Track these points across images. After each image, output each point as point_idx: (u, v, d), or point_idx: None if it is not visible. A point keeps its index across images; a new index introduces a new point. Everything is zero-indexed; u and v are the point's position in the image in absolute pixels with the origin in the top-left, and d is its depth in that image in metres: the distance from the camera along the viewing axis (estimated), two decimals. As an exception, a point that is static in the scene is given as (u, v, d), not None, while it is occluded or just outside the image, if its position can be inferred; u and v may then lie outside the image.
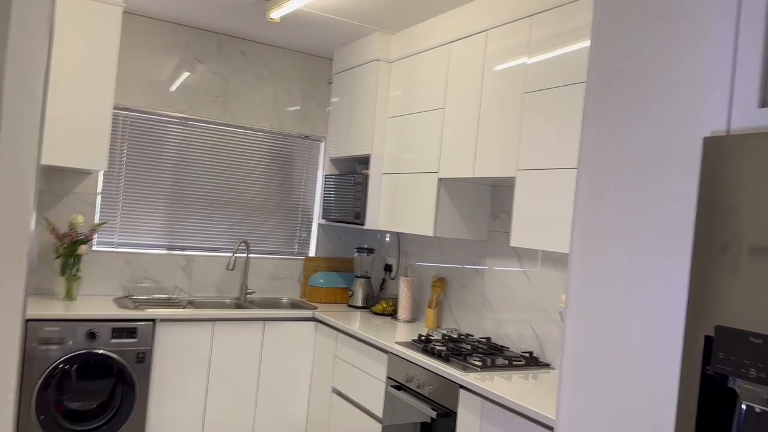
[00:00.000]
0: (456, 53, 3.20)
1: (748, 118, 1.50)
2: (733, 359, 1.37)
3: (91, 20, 3.25)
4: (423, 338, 3.08)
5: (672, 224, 1.63)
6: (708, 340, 1.44)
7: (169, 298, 3.77)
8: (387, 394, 3.00)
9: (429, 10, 3.28)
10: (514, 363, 2.78)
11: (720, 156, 1.46)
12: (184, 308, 3.51)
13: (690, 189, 1.60)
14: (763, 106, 1.49)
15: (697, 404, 1.45)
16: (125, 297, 3.69)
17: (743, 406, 1.37)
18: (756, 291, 1.35)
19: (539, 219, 2.58)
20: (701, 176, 1.50)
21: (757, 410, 1.34)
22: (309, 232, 4.43)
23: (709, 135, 1.56)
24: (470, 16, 3.11)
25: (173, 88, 3.92)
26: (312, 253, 4.44)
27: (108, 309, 3.27)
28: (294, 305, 4.16)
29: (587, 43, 2.44)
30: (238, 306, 3.99)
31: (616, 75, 1.85)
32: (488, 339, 3.19)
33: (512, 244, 2.70)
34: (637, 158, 1.75)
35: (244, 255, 4.13)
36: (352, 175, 3.83)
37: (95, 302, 3.45)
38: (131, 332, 3.20)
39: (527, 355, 2.94)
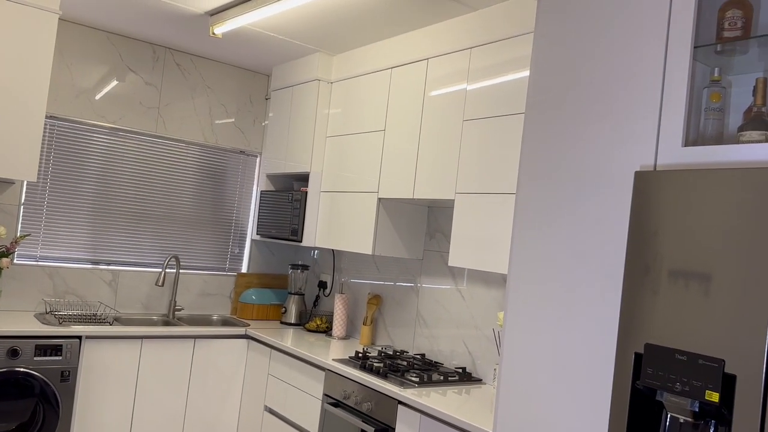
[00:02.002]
0: (397, 78, 3.30)
1: (672, 155, 1.66)
2: (660, 374, 1.51)
3: (25, 27, 3.13)
4: (360, 355, 3.13)
5: (604, 248, 1.78)
6: (638, 356, 1.58)
7: (95, 315, 3.64)
8: (323, 412, 3.02)
9: (370, 35, 3.38)
10: (449, 379, 2.88)
11: (647, 188, 1.61)
12: (110, 325, 3.40)
13: (621, 216, 1.75)
14: (686, 145, 1.66)
15: (628, 416, 1.58)
16: (48, 313, 3.53)
17: (669, 418, 1.51)
18: (677, 311, 1.50)
19: (476, 240, 2.70)
20: (632, 206, 1.64)
21: (681, 420, 1.48)
22: (242, 247, 4.39)
23: (638, 169, 1.72)
24: (411, 45, 3.23)
25: (104, 97, 3.81)
26: (244, 269, 4.40)
27: (30, 325, 3.12)
28: (225, 322, 4.10)
29: (524, 73, 2.60)
30: (167, 323, 3.89)
31: (553, 106, 1.99)
32: (423, 355, 3.28)
33: (450, 264, 2.80)
34: (573, 186, 1.89)
35: (174, 270, 4.04)
36: (290, 191, 3.85)
37: (16, 318, 3.28)
38: (56, 350, 3.07)
39: (460, 370, 3.05)
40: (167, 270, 4.05)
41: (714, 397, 1.40)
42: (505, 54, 2.70)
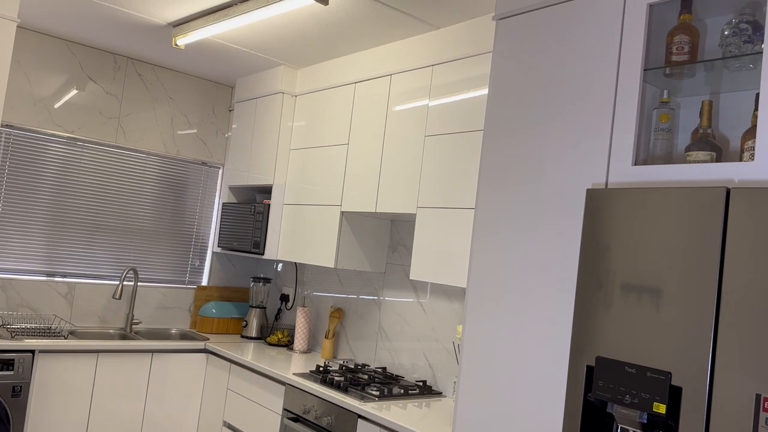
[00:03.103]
0: (361, 93, 3.33)
1: (623, 173, 1.72)
2: (611, 387, 1.55)
3: (-22, 31, 3.06)
4: (321, 369, 3.11)
5: (560, 263, 1.82)
6: (589, 369, 1.62)
7: (49, 328, 3.55)
8: (283, 426, 2.99)
9: (335, 50, 3.40)
10: (410, 392, 2.89)
11: (599, 205, 1.66)
12: (65, 339, 3.32)
13: (576, 232, 1.80)
14: (636, 164, 1.71)
15: (580, 429, 1.61)
16: (0, 326, 3.43)
17: (619, 429, 1.55)
18: (628, 324, 1.55)
19: (437, 254, 2.73)
20: (584, 222, 1.69)
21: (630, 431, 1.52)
22: (202, 260, 4.34)
23: (591, 186, 1.77)
24: (375, 60, 3.27)
25: (62, 106, 3.74)
26: (205, 282, 4.35)
27: (-21, 340, 3.03)
28: (184, 336, 4.04)
29: (484, 91, 2.65)
30: (124, 337, 3.81)
31: (511, 123, 2.04)
32: (384, 369, 3.28)
33: (411, 277, 2.83)
34: (530, 201, 1.94)
35: (132, 283, 3.97)
36: (252, 204, 3.83)
37: (-36, 332, 3.18)
38: (7, 364, 2.98)
39: (421, 384, 3.06)
40: (125, 282, 3.98)
41: (661, 408, 1.44)
42: (465, 72, 2.75)
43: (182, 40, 3.29)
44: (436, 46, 2.92)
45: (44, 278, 3.70)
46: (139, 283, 4.03)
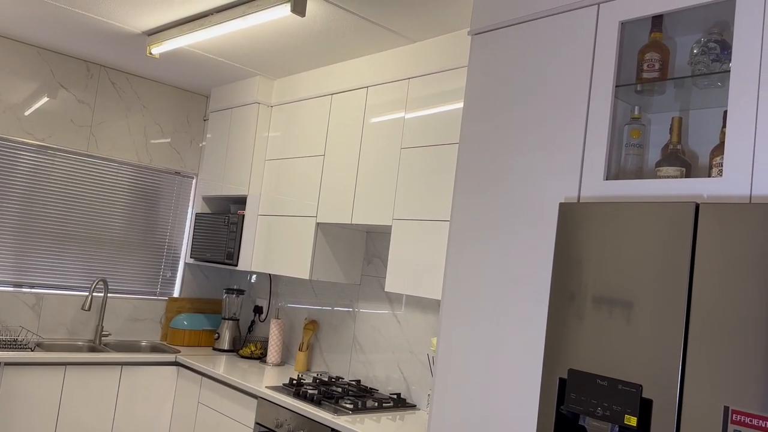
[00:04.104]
0: (337, 104, 3.33)
1: (595, 188, 1.74)
2: (583, 399, 1.56)
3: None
4: (294, 382, 3.08)
5: (532, 276, 1.83)
6: (562, 381, 1.63)
7: (15, 340, 3.46)
8: (255, 440, 2.95)
9: (312, 62, 3.40)
10: (384, 405, 2.88)
11: (571, 219, 1.68)
12: (32, 351, 3.24)
13: (548, 245, 1.81)
14: (607, 179, 1.74)
15: (553, 440, 1.62)
16: (-39, 339, 3.33)
17: (591, 441, 1.56)
18: (600, 337, 1.56)
19: (412, 266, 2.73)
20: (557, 235, 1.71)
21: (602, 444, 1.53)
22: (174, 271, 4.28)
23: (564, 200, 1.79)
24: (352, 72, 3.27)
25: (32, 114, 3.67)
26: (176, 293, 4.28)
27: (-59, 352, 2.94)
28: (154, 349, 3.97)
29: (460, 105, 2.67)
30: (93, 349, 3.74)
31: (485, 137, 2.06)
32: (358, 381, 3.26)
33: (387, 289, 2.82)
34: (505, 214, 1.95)
35: (102, 294, 3.90)
36: (226, 214, 3.80)
37: (-76, 345, 3.08)
38: (-31, 379, 2.89)
39: (395, 396, 3.05)
40: (94, 294, 3.91)
41: (632, 421, 1.45)
42: (441, 85, 2.77)
43: (157, 49, 3.26)
44: (413, 59, 2.93)
45: (11, 288, 3.62)
46: (109, 294, 3.95)
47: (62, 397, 3.22)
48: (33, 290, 3.69)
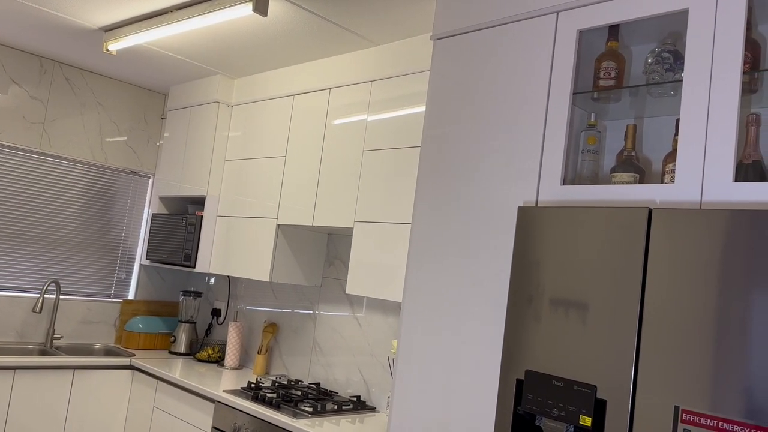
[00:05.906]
0: (299, 105, 3.31)
1: (552, 192, 1.77)
2: (539, 399, 1.59)
3: None
4: (253, 385, 3.05)
5: (491, 278, 1.86)
6: (519, 382, 1.65)
7: (-41, 344, 3.33)
8: (212, 445, 2.91)
9: (273, 62, 3.37)
10: (343, 408, 2.87)
11: (529, 223, 1.71)
12: (-22, 356, 3.12)
13: (507, 249, 1.84)
14: (564, 184, 1.77)
15: (510, 441, 1.64)
16: None
17: (547, 441, 1.58)
18: (557, 338, 1.59)
19: (374, 269, 2.74)
20: (516, 238, 1.73)
21: (558, 444, 1.56)
22: (129, 272, 4.18)
23: (522, 204, 1.82)
24: (314, 73, 3.26)
25: (-18, 109, 3.55)
26: (131, 295, 4.19)
27: None
28: (108, 352, 3.87)
29: (421, 108, 2.69)
30: (44, 353, 3.62)
31: (447, 141, 2.08)
32: (318, 384, 3.25)
33: (348, 291, 2.81)
34: (465, 218, 1.97)
35: (53, 296, 3.78)
36: (184, 215, 3.73)
37: None
38: None
39: (355, 399, 3.04)
40: (46, 295, 3.79)
41: (587, 421, 1.49)
42: (403, 89, 2.79)
43: (114, 46, 3.19)
44: (376, 62, 2.94)
45: (-45, 291, 3.48)
46: (61, 296, 3.84)
47: (11, 403, 3.12)
48: (-20, 292, 3.56)
